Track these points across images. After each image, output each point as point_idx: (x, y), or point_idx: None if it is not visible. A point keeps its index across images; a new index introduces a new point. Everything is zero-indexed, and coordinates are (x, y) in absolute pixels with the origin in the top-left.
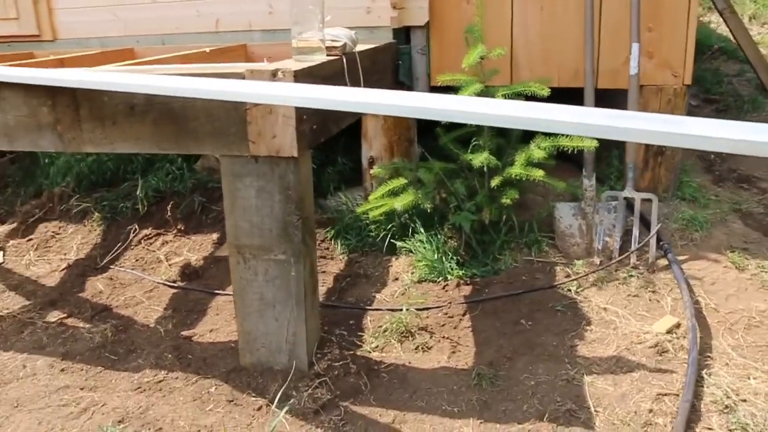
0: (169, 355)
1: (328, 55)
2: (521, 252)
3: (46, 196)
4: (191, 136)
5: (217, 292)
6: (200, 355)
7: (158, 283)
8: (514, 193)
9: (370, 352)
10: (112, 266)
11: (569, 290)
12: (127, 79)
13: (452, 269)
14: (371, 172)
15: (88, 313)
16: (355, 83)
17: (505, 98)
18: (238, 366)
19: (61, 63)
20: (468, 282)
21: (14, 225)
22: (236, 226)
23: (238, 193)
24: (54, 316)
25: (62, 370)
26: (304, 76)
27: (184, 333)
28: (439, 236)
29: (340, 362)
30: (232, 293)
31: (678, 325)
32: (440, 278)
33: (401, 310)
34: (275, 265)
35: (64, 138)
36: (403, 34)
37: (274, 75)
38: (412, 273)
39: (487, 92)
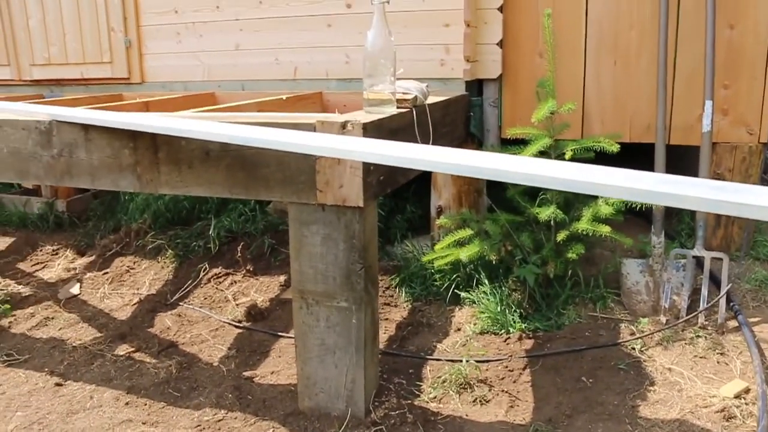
0: (230, 395)
1: (398, 108)
2: (586, 307)
3: (124, 232)
4: (262, 183)
5: (280, 334)
6: (260, 396)
7: (224, 322)
8: (580, 248)
9: (427, 402)
10: (181, 303)
11: (633, 348)
12: (204, 127)
13: (515, 322)
14: (438, 221)
15: (155, 349)
16: (425, 135)
17: (574, 152)
18: (296, 410)
19: (146, 106)
20: (530, 336)
21: (92, 258)
22: (301, 271)
23: (304, 240)
24: (123, 349)
25: (127, 403)
26: (373, 128)
27: (246, 373)
28: (503, 288)
29: (397, 411)
30: (291, 336)
31: (747, 390)
32: (502, 330)
33: (461, 361)
34: (337, 312)
35: (143, 179)
36: (476, 86)
37: (343, 127)
38: (474, 324)
39: (556, 146)
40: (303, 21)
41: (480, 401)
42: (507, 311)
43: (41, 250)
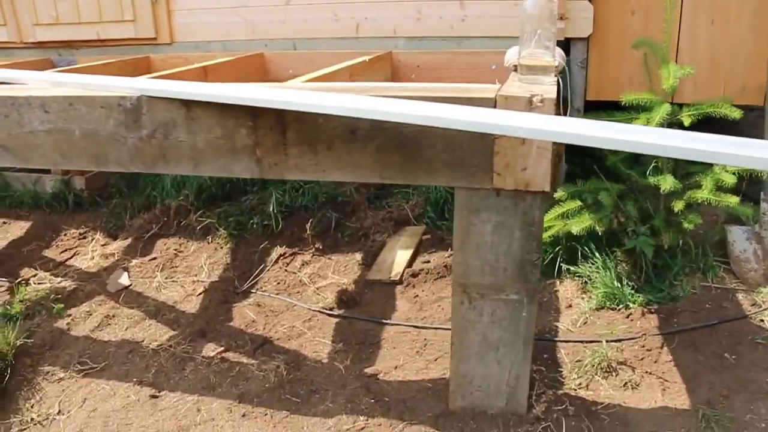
0: (363, 398)
1: None
2: (695, 277)
3: (160, 210)
4: (423, 166)
5: (385, 321)
6: (397, 397)
7: (315, 310)
8: (697, 217)
9: (576, 390)
10: (253, 290)
11: (762, 321)
12: (362, 104)
13: (632, 296)
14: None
15: (248, 347)
16: (559, 107)
17: (692, 119)
18: (446, 410)
19: (204, 72)
20: (652, 311)
21: (128, 241)
22: (465, 263)
23: (471, 229)
24: (210, 349)
25: (243, 415)
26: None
27: (368, 370)
28: (612, 261)
29: (556, 404)
30: (400, 323)
31: None
32: (621, 306)
33: (595, 342)
34: (504, 306)
35: (264, 163)
36: (562, 46)
37: (530, 102)
38: (587, 300)
39: (674, 113)
40: None
41: (630, 386)
42: (622, 285)
43: (66, 234)
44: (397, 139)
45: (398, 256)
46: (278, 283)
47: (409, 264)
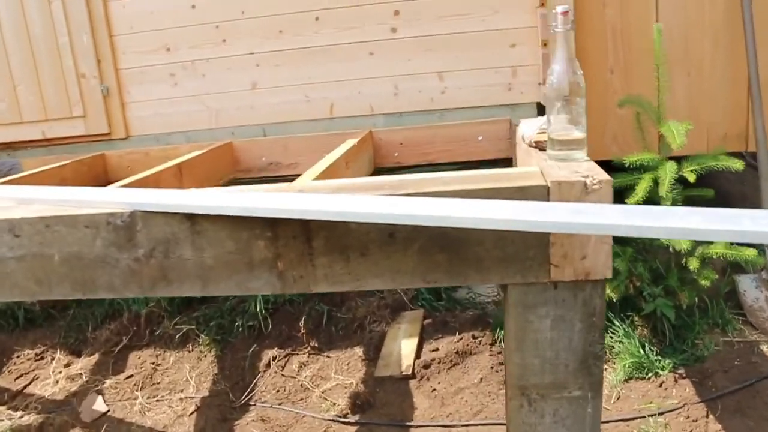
0: None
1: None
2: (714, 333)
3: (128, 319)
4: (472, 265)
5: (409, 424)
6: None
7: (328, 420)
8: (712, 273)
9: None
10: (252, 402)
11: None
12: (401, 208)
13: (659, 363)
14: None
15: None
16: None
17: (695, 174)
18: None
19: (179, 170)
20: (683, 375)
21: (96, 357)
22: (523, 364)
23: (529, 327)
24: None
25: None
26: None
27: None
28: (631, 327)
29: None
30: (427, 423)
31: None
32: (650, 374)
33: (638, 419)
34: (567, 404)
35: (287, 277)
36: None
37: (585, 187)
38: (614, 372)
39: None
40: (338, 50)
41: None
42: (646, 352)
43: (19, 357)
44: (441, 238)
45: (404, 347)
46: (278, 391)
47: (417, 354)
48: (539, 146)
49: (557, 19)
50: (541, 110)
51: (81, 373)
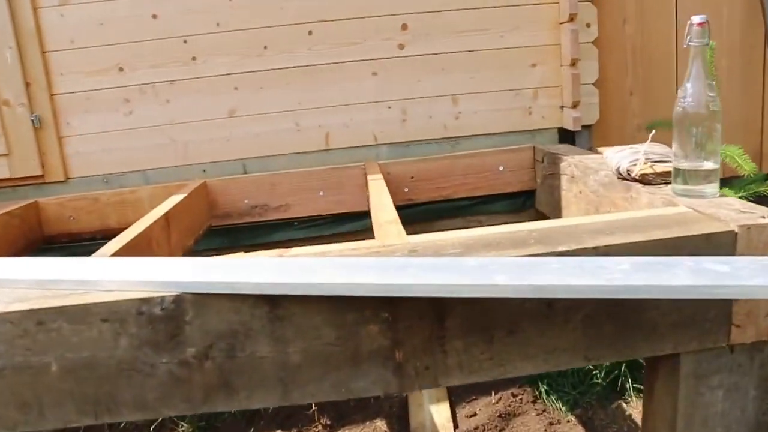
0: None
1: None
2: None
3: None
4: (643, 334)
5: None
6: None
7: None
8: None
9: None
10: None
11: None
12: (572, 277)
13: None
14: None
15: None
16: None
17: (746, 199)
18: None
19: (166, 221)
20: None
21: None
22: None
23: (699, 400)
24: None
25: None
26: None
27: None
28: None
29: None
30: None
31: None
32: None
33: None
34: None
35: (407, 370)
36: (564, 137)
37: None
38: None
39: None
40: (334, 70)
41: None
42: None
43: None
44: (611, 304)
45: (435, 415)
46: None
47: (455, 422)
48: (644, 180)
49: (692, 32)
50: (563, 137)
51: None
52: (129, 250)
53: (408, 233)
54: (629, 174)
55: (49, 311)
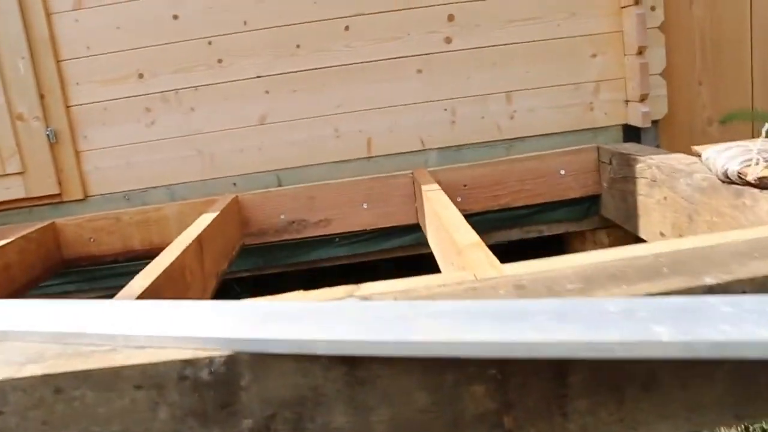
0: None
1: None
2: None
3: None
4: None
5: None
6: None
7: None
8: None
9: None
10: None
11: None
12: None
13: None
14: None
15: None
16: None
17: None
18: None
19: (199, 245)
20: None
21: None
22: None
23: None
24: None
25: None
26: None
27: None
28: None
29: None
30: None
31: None
32: None
33: None
34: None
35: None
36: (628, 134)
37: None
38: None
39: None
40: (376, 68)
41: None
42: None
43: None
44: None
45: None
46: None
47: None
48: (762, 183)
49: None
50: (627, 135)
51: None
52: (161, 285)
53: None
54: (741, 177)
55: (69, 376)
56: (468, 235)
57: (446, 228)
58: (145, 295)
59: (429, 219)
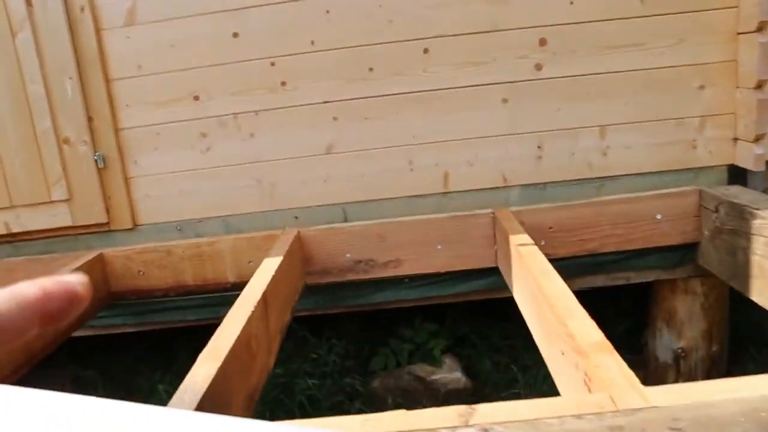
0: None
1: None
2: None
3: None
4: None
5: None
6: None
7: None
8: None
9: None
10: None
11: None
12: None
13: None
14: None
15: None
16: None
17: None
18: None
19: (264, 303)
20: None
21: None
22: None
23: None
24: None
25: None
26: None
27: None
28: None
29: None
30: None
31: None
32: None
33: None
34: None
35: None
36: (733, 176)
37: None
38: None
39: None
40: (456, 96)
41: None
42: None
43: None
44: None
45: None
46: None
47: None
48: None
49: None
50: (732, 177)
51: None
52: (228, 368)
53: None
54: None
55: None
56: (587, 327)
57: (553, 308)
58: (213, 387)
59: (522, 283)
